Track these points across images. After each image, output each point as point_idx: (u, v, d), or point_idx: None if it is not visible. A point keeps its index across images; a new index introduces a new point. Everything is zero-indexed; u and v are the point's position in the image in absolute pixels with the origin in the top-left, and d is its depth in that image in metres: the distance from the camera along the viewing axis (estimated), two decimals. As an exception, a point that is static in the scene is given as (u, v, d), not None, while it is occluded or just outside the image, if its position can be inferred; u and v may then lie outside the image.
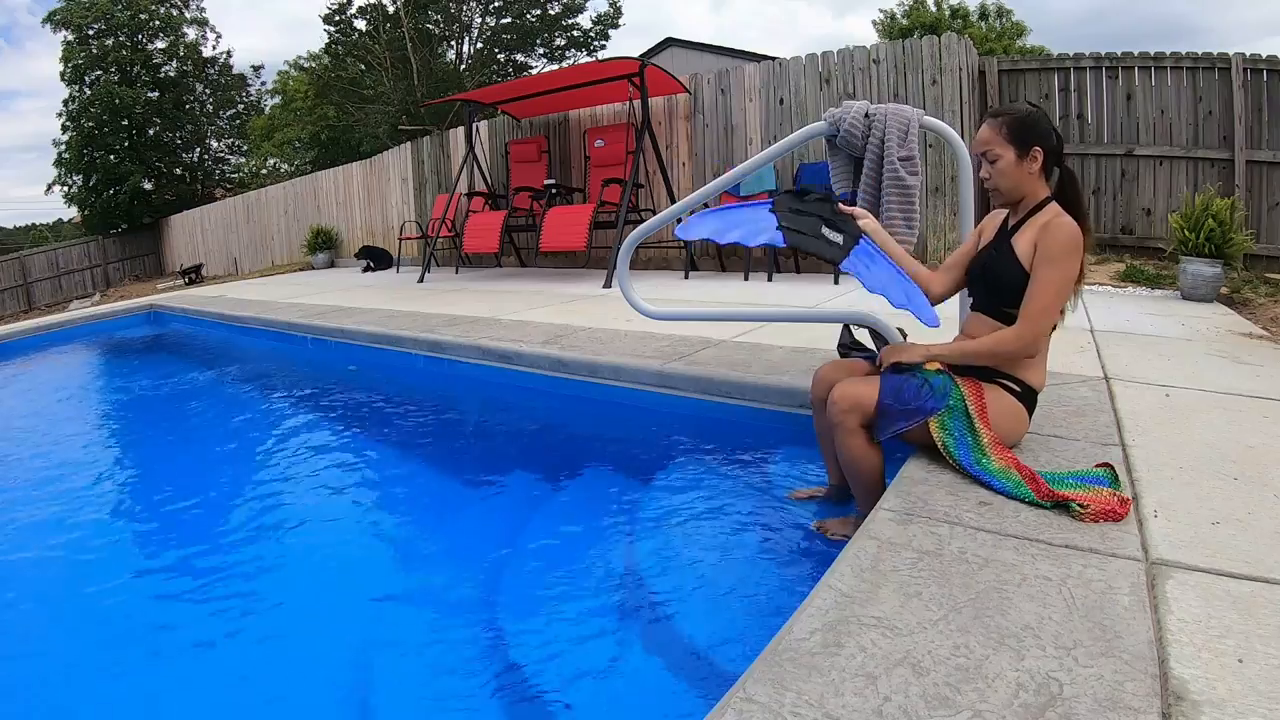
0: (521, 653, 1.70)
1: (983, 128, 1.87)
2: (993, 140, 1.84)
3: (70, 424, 3.98)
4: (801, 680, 1.07)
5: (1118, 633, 1.15)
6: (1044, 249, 1.76)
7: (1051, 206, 1.83)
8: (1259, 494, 1.62)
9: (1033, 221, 1.83)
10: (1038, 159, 1.81)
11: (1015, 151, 1.81)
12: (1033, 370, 1.86)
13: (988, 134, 1.85)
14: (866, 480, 1.85)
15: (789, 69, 6.52)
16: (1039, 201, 1.84)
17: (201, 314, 6.87)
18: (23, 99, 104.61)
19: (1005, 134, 1.82)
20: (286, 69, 22.62)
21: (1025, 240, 1.82)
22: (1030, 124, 1.81)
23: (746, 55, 14.42)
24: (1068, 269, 1.75)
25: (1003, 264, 1.85)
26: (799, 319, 3.78)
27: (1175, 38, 77.49)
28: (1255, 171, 5.40)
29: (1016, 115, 1.83)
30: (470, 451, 3.19)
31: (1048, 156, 1.82)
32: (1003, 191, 1.87)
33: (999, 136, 1.83)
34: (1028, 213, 1.86)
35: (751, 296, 5.05)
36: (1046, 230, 1.77)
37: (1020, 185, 1.84)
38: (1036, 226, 1.81)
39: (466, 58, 18.32)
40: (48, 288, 18.58)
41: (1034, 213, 1.84)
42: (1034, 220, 1.83)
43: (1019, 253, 1.82)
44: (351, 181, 11.88)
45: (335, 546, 2.34)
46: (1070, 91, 6.10)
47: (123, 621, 1.95)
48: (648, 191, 7.40)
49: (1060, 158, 1.85)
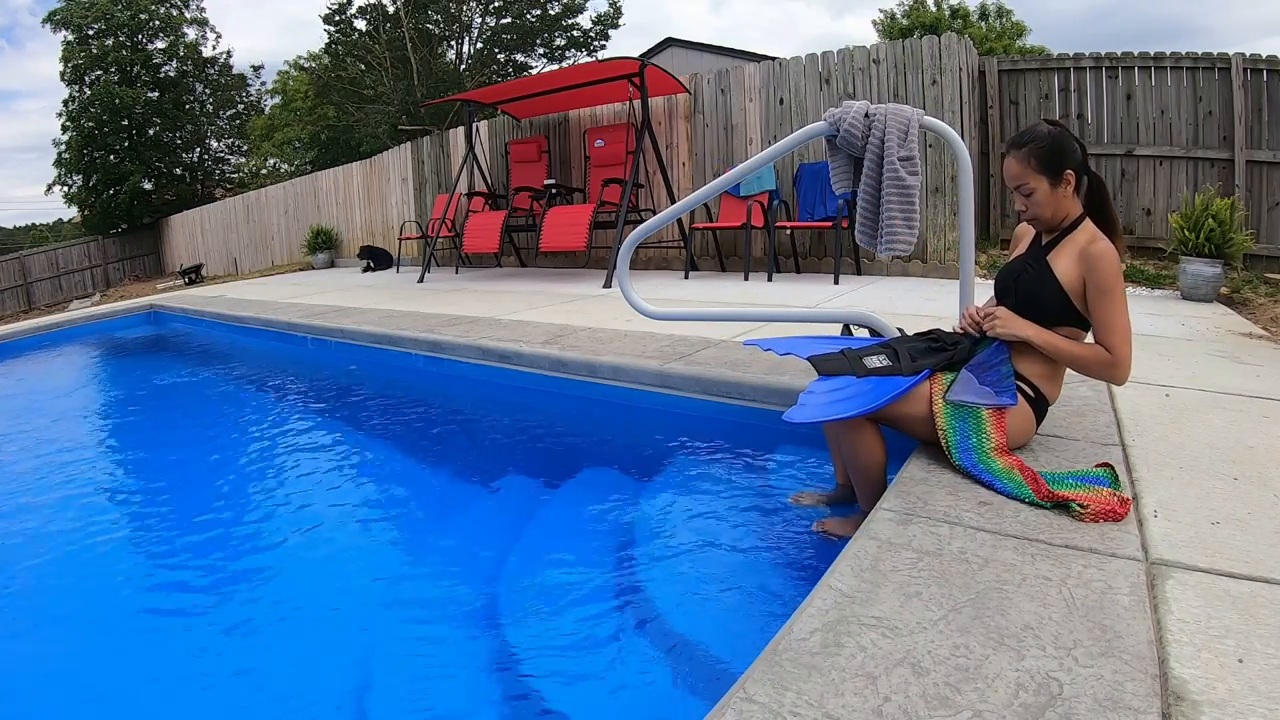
0: (520, 652, 1.69)
1: (1009, 161, 1.84)
2: (1024, 174, 1.81)
3: (70, 424, 3.98)
4: (801, 680, 1.07)
5: (1118, 633, 1.15)
6: (1097, 282, 1.73)
7: (1086, 226, 1.81)
8: (1259, 494, 1.62)
9: (1071, 240, 1.81)
10: (1070, 181, 1.79)
11: (1048, 181, 1.79)
12: (1051, 382, 1.86)
13: (1016, 168, 1.82)
14: (870, 475, 1.85)
15: (789, 69, 6.52)
16: (1075, 219, 1.83)
17: (201, 314, 6.87)
18: (23, 99, 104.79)
19: (1035, 166, 1.79)
20: (286, 69, 22.68)
21: (1065, 263, 1.79)
22: (1057, 149, 1.78)
23: (746, 55, 14.43)
24: (1123, 290, 1.74)
25: (1040, 282, 1.83)
26: (799, 319, 3.77)
27: (1175, 38, 77.53)
28: (1255, 171, 5.40)
29: (1041, 144, 1.79)
30: (470, 451, 3.19)
31: (1078, 173, 1.80)
32: (1044, 220, 1.84)
33: (1029, 170, 1.80)
34: (1064, 230, 1.84)
35: (752, 296, 5.05)
36: (1091, 260, 1.74)
37: (1059, 210, 1.82)
38: (1076, 248, 1.78)
39: (466, 58, 18.32)
40: (48, 288, 18.58)
41: (1070, 230, 1.82)
42: (1072, 239, 1.81)
43: (1059, 273, 1.79)
44: (351, 181, 11.88)
45: (335, 546, 2.33)
46: (1070, 91, 6.09)
47: (122, 621, 1.95)
48: (648, 191, 7.40)
49: (1087, 168, 1.82)
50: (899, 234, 2.39)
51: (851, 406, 1.75)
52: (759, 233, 6.26)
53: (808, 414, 1.75)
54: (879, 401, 1.74)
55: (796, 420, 1.73)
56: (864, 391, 1.78)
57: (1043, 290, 1.82)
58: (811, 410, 1.76)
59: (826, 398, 1.80)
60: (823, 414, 1.77)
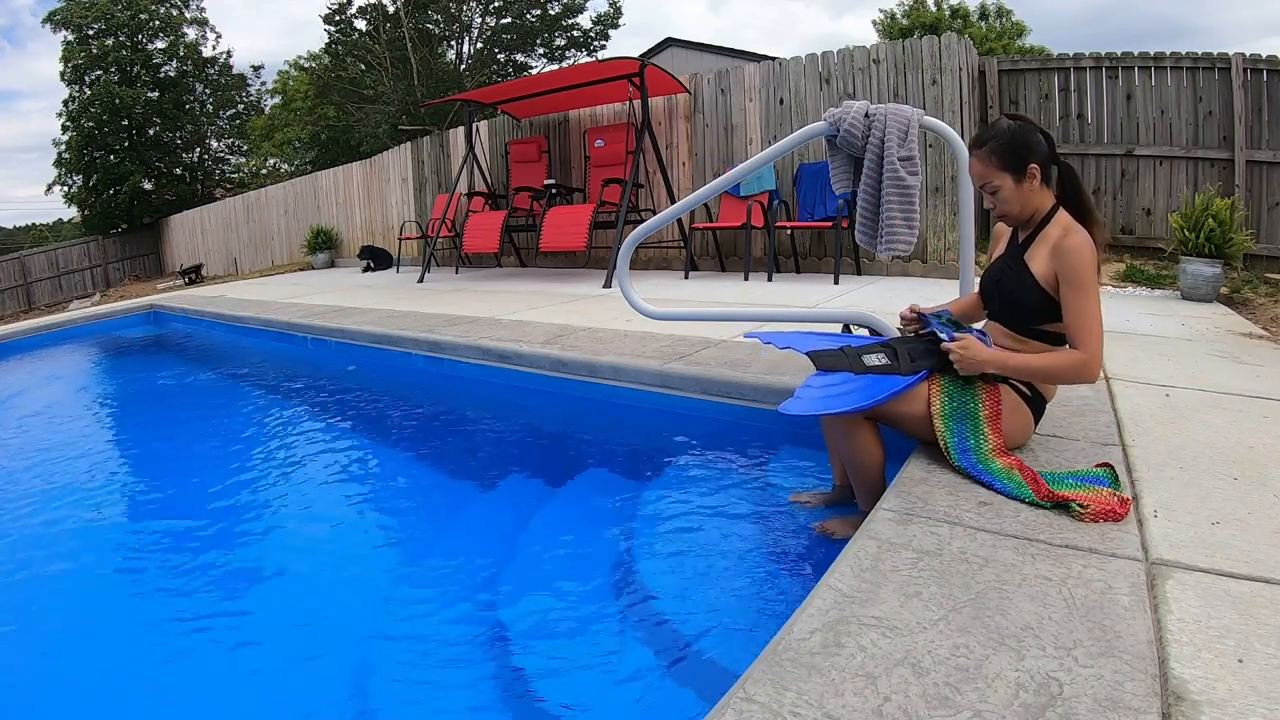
0: (520, 652, 1.69)
1: (971, 161, 1.83)
2: (986, 172, 1.80)
3: (69, 423, 3.98)
4: (801, 680, 1.07)
5: (1118, 633, 1.15)
6: (1066, 275, 1.71)
7: (1060, 217, 1.79)
8: (1259, 494, 1.62)
9: (1044, 235, 1.80)
10: (1035, 174, 1.77)
11: (1011, 177, 1.78)
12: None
13: (979, 167, 1.81)
14: (868, 474, 1.84)
15: (789, 69, 6.52)
16: (1047, 212, 1.82)
17: (201, 314, 6.87)
18: (24, 99, 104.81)
19: (996, 162, 1.78)
20: (286, 69, 22.65)
21: (1040, 259, 1.78)
22: (1017, 143, 1.77)
23: (746, 55, 14.43)
24: (1095, 282, 1.72)
25: (1017, 281, 1.82)
26: (799, 319, 3.77)
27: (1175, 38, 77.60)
28: (1255, 171, 5.40)
29: (1001, 140, 1.77)
30: (469, 451, 3.19)
31: (1043, 166, 1.78)
32: (1014, 216, 1.84)
33: (991, 168, 1.79)
34: (1038, 225, 1.83)
35: (751, 296, 5.05)
36: (1062, 254, 1.72)
37: (1027, 205, 1.81)
38: (1049, 243, 1.77)
39: (466, 58, 18.33)
40: (48, 288, 18.58)
41: (1044, 224, 1.81)
42: (1045, 234, 1.80)
43: (1035, 271, 1.78)
44: (351, 181, 11.88)
45: (335, 545, 2.34)
46: (1070, 91, 6.09)
47: (121, 621, 1.95)
48: (648, 191, 7.40)
49: (1055, 158, 1.81)
50: (899, 234, 2.40)
51: (847, 402, 1.73)
52: (759, 233, 6.26)
53: (802, 407, 1.74)
54: (875, 399, 1.72)
55: (792, 413, 1.71)
56: (861, 388, 1.77)
57: (1022, 291, 1.81)
58: (807, 404, 1.75)
59: (822, 392, 1.79)
60: (818, 408, 1.76)
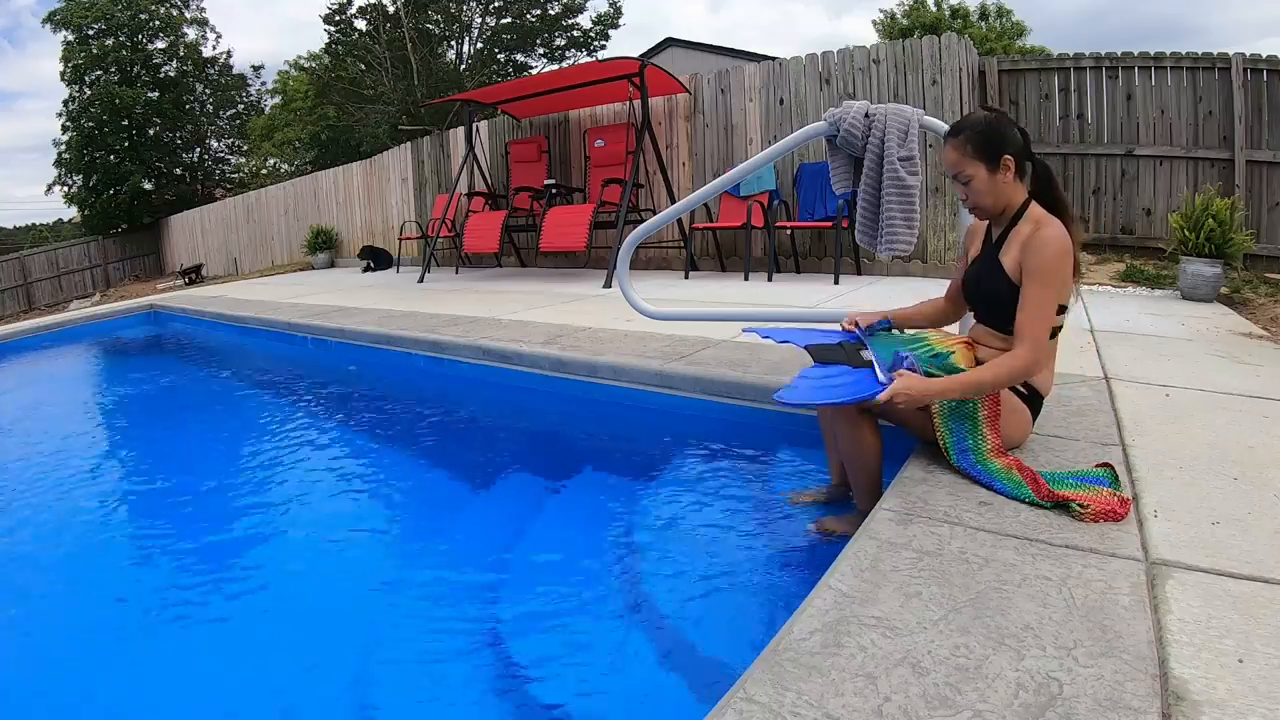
0: (520, 652, 1.69)
1: (946, 149, 1.82)
2: (960, 161, 1.80)
3: (69, 423, 3.98)
4: (801, 680, 1.07)
5: (1118, 633, 1.15)
6: (1030, 267, 1.71)
7: (1032, 211, 1.79)
8: (1259, 494, 1.62)
9: (1016, 232, 1.79)
10: (1010, 167, 1.77)
11: (985, 167, 1.77)
12: (1039, 375, 1.84)
13: (953, 155, 1.80)
14: (866, 469, 1.84)
15: (789, 69, 6.52)
16: (1019, 207, 1.81)
17: (201, 314, 6.87)
18: (24, 99, 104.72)
19: (971, 151, 1.78)
20: (286, 69, 22.69)
21: (1011, 257, 1.77)
22: (993, 133, 1.76)
23: (746, 55, 14.42)
24: (1057, 282, 1.71)
25: (993, 281, 1.81)
26: (799, 319, 3.78)
27: (1175, 38, 77.57)
28: (1255, 171, 5.40)
29: (977, 129, 1.77)
30: (470, 451, 3.19)
31: (1018, 159, 1.78)
32: (985, 208, 1.83)
33: (965, 156, 1.78)
34: (1010, 222, 1.82)
35: (752, 296, 5.05)
36: (1030, 247, 1.71)
37: (1000, 197, 1.80)
38: (1020, 240, 1.76)
39: (466, 58, 18.32)
40: (48, 288, 18.58)
41: (1016, 220, 1.80)
42: (1018, 230, 1.79)
43: (1008, 270, 1.78)
44: (351, 181, 11.88)
45: (334, 545, 2.33)
46: (1070, 91, 6.09)
47: (120, 620, 1.95)
48: (648, 191, 7.40)
49: (1030, 154, 1.80)
50: (899, 234, 2.40)
51: (843, 394, 1.73)
52: (759, 233, 6.25)
53: (798, 395, 1.73)
54: (871, 392, 1.72)
55: (787, 400, 1.71)
56: (857, 381, 1.77)
57: (998, 290, 1.81)
58: (803, 392, 1.75)
59: (819, 383, 1.78)
60: (814, 397, 1.76)
